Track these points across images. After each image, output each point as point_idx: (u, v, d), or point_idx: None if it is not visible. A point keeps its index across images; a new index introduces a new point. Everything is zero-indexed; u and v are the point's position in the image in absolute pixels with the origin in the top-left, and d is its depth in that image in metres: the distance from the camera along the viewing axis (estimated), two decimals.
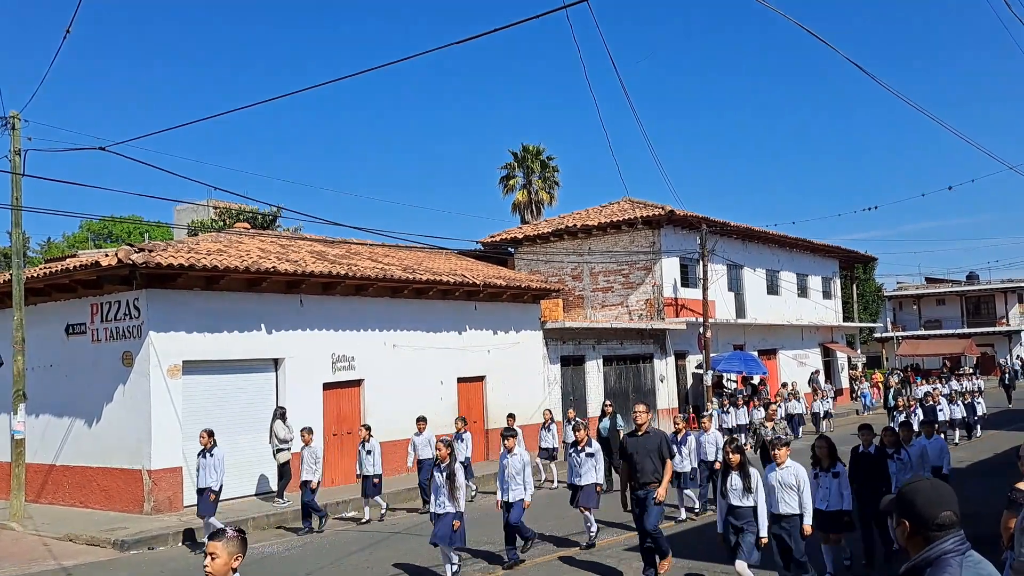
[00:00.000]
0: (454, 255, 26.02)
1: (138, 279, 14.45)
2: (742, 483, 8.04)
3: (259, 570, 10.86)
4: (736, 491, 8.05)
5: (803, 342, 35.54)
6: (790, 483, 8.28)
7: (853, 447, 10.13)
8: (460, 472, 9.77)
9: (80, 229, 52.09)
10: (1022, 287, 56.91)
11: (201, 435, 12.77)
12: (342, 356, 17.94)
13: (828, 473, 8.93)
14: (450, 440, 10.46)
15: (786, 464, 8.39)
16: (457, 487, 9.59)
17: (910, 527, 2.85)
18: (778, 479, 8.36)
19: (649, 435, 9.44)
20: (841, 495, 8.88)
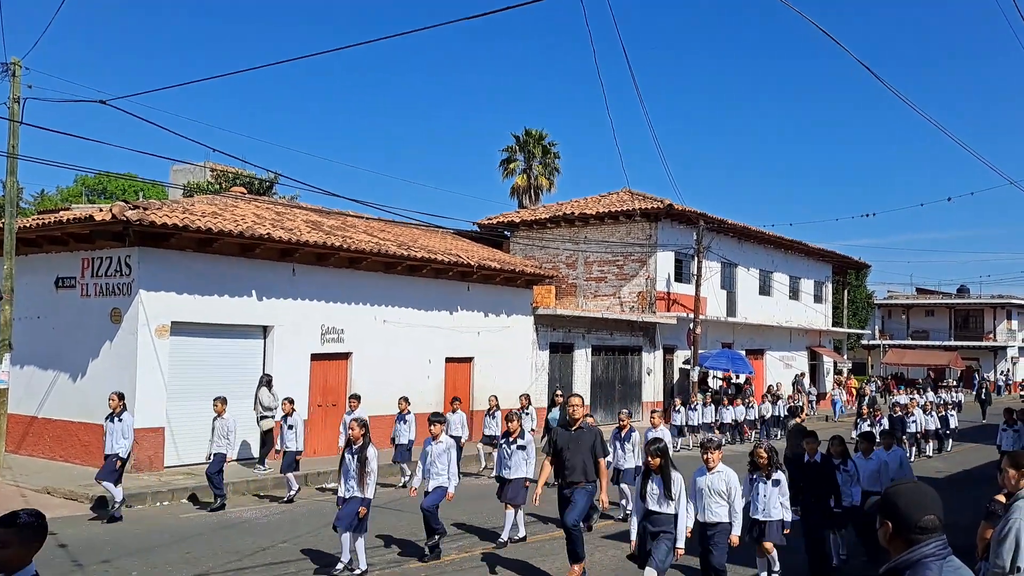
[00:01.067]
0: (450, 235, 25.96)
1: (131, 236, 14.35)
2: (661, 487, 7.49)
3: (237, 535, 10.87)
4: (655, 495, 7.50)
5: (791, 344, 35.67)
6: (720, 489, 7.80)
7: (796, 455, 9.69)
8: (373, 456, 9.08)
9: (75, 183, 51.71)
10: (1011, 303, 57.24)
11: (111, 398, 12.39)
12: (332, 328, 17.91)
13: (767, 480, 8.44)
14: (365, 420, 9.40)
15: (717, 468, 7.88)
16: (368, 472, 8.94)
17: (892, 528, 2.85)
18: (707, 484, 7.86)
19: (583, 430, 8.85)
20: (780, 505, 8.40)
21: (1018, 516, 4.72)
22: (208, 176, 33.78)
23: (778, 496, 8.41)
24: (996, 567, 4.72)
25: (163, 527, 11.35)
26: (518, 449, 10.74)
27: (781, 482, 8.45)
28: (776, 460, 8.54)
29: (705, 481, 7.88)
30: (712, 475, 7.85)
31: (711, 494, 7.81)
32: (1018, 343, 58.78)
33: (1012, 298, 57.15)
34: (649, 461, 7.59)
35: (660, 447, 7.67)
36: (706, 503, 7.82)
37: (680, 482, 7.52)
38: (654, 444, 7.76)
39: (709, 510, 7.80)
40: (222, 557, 9.65)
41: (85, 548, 9.91)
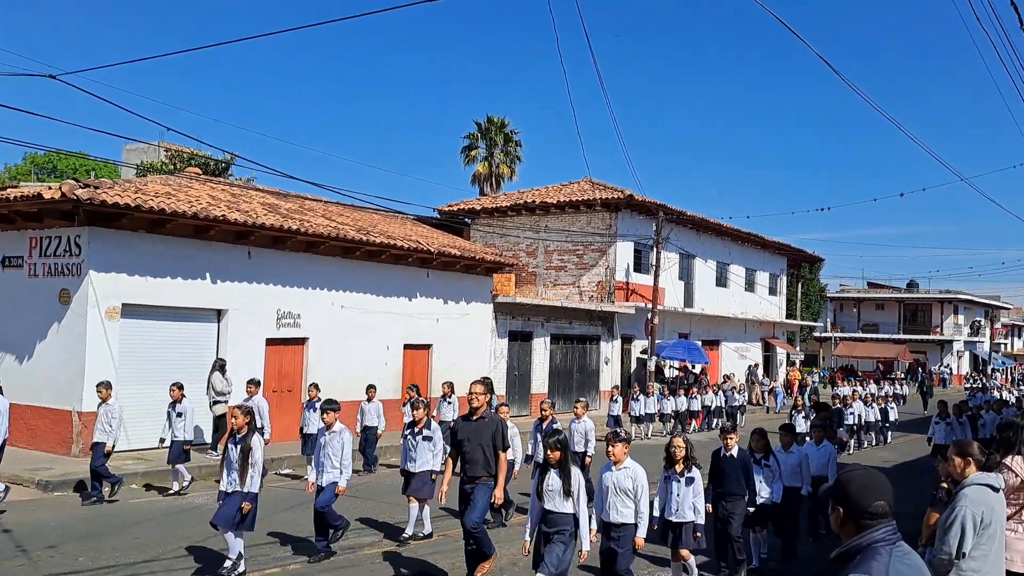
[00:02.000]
0: (410, 220, 25.79)
1: (81, 215, 14.00)
2: (561, 484, 6.78)
3: (187, 521, 10.73)
4: (553, 492, 6.79)
5: (746, 335, 36.21)
6: (625, 487, 7.02)
7: (715, 450, 9.01)
8: (258, 447, 8.27)
9: (23, 160, 50.29)
10: (958, 298, 58.75)
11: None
12: (288, 313, 17.69)
13: (681, 478, 7.76)
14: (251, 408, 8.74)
15: (623, 464, 7.09)
16: (251, 464, 8.16)
17: (843, 513, 2.89)
18: (613, 481, 7.07)
19: (484, 421, 8.22)
20: (693, 505, 7.76)
21: (964, 503, 4.84)
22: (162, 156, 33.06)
23: (691, 496, 7.73)
24: (943, 552, 4.84)
25: (112, 512, 11.14)
26: (423, 440, 10.06)
27: (696, 480, 7.77)
28: (693, 455, 7.87)
29: (611, 478, 7.10)
30: (617, 471, 7.08)
31: (616, 492, 7.05)
32: (964, 337, 60.41)
33: (959, 293, 58.66)
34: (548, 455, 6.90)
35: (559, 439, 6.96)
36: (611, 502, 7.07)
37: (580, 479, 6.86)
38: (553, 436, 7.01)
39: (614, 509, 7.04)
40: (171, 543, 9.50)
41: (31, 533, 9.68)
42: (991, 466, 5.40)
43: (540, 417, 11.93)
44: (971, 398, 26.70)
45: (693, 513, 7.73)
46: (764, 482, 9.08)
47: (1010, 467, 5.45)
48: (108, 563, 8.66)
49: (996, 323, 69.24)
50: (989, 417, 18.37)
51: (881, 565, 2.70)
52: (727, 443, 8.77)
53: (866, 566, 2.71)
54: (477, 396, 8.25)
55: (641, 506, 7.01)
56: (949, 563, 4.83)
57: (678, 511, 7.76)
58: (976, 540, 4.81)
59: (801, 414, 18.30)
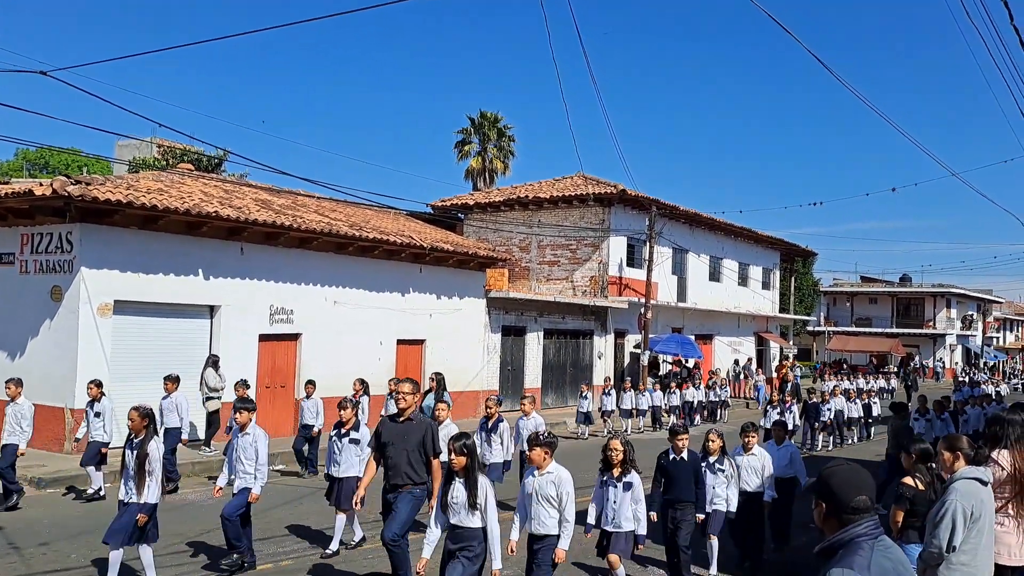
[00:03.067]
0: (403, 216, 25.77)
1: (72, 212, 13.96)
2: (466, 495, 5.99)
3: (181, 518, 10.73)
4: (458, 504, 6.03)
5: (739, 329, 36.28)
6: (549, 494, 6.36)
7: (662, 452, 8.27)
8: (155, 452, 7.44)
9: (15, 157, 50.08)
10: (951, 292, 58.98)
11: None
12: (281, 308, 17.68)
13: (618, 483, 7.07)
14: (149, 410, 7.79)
15: (547, 469, 6.43)
16: (148, 472, 7.36)
17: (826, 509, 2.92)
18: (535, 488, 6.41)
19: (411, 423, 7.44)
20: (633, 513, 7.08)
21: (954, 498, 4.87)
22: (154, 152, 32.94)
23: (630, 503, 7.04)
24: (932, 546, 4.88)
25: (104, 509, 11.11)
26: (350, 443, 9.27)
27: (635, 486, 7.08)
28: (632, 458, 7.16)
29: (533, 484, 6.42)
30: (540, 477, 6.40)
31: (539, 500, 6.38)
32: (956, 331, 60.65)
33: (952, 287, 58.87)
34: (452, 461, 6.10)
35: (465, 444, 6.11)
36: (534, 511, 6.38)
37: (487, 488, 6.08)
38: (459, 440, 6.15)
39: (538, 519, 6.37)
40: (165, 540, 9.46)
41: (24, 531, 9.68)
42: (980, 460, 5.45)
43: (485, 416, 11.08)
44: (956, 392, 26.48)
45: (632, 522, 7.08)
46: (718, 487, 8.36)
47: (996, 461, 5.49)
48: (100, 560, 8.65)
49: (988, 317, 69.54)
50: (974, 413, 17.86)
51: (863, 559, 2.72)
52: (676, 445, 8.06)
53: (848, 560, 2.74)
54: (404, 396, 7.48)
55: (566, 515, 6.34)
56: (939, 556, 4.87)
57: (614, 520, 7.08)
58: (966, 534, 4.85)
59: (777, 409, 17.90)
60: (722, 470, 8.46)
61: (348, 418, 9.37)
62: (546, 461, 6.46)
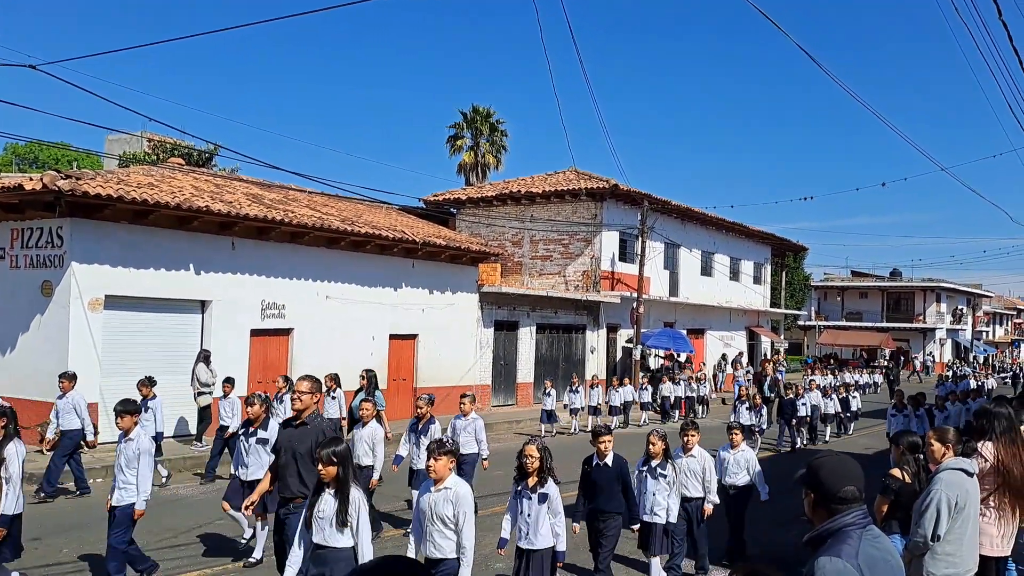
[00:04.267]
0: (395, 210, 25.74)
1: (62, 207, 13.89)
2: (335, 510, 5.23)
3: (173, 513, 10.73)
4: (324, 520, 5.25)
5: (730, 324, 36.39)
6: (444, 513, 5.47)
7: (586, 458, 7.52)
8: (13, 454, 6.71)
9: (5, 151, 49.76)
10: (941, 287, 59.26)
11: None
12: (272, 303, 17.65)
13: (532, 494, 6.29)
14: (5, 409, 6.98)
15: (446, 483, 5.53)
16: (4, 479, 6.60)
17: (815, 498, 2.95)
18: (429, 504, 5.52)
19: (306, 428, 6.55)
20: (551, 528, 6.30)
21: (939, 487, 4.93)
22: (145, 146, 32.79)
23: (547, 517, 6.25)
24: (918, 535, 4.93)
25: (96, 504, 11.10)
26: (257, 443, 8.50)
27: (552, 498, 6.30)
28: (549, 466, 6.40)
29: (428, 500, 5.54)
30: (436, 492, 5.51)
31: (434, 519, 5.51)
32: (946, 325, 60.95)
33: (941, 282, 59.14)
34: (321, 472, 5.30)
35: (335, 451, 5.27)
36: (428, 531, 5.52)
37: (360, 503, 5.27)
38: (328, 446, 5.32)
39: (432, 542, 5.51)
40: (157, 534, 9.50)
41: None
42: (968, 452, 5.50)
43: (416, 416, 10.08)
44: (939, 387, 26.16)
45: (550, 538, 6.29)
46: (659, 495, 7.49)
47: (982, 453, 5.55)
48: (92, 555, 8.65)
49: (978, 311, 69.91)
50: (954, 408, 17.38)
51: (851, 548, 2.76)
52: (599, 449, 7.29)
53: (836, 549, 2.77)
54: (299, 396, 6.63)
55: (463, 538, 5.46)
56: (924, 545, 4.92)
57: (528, 535, 6.27)
58: (951, 523, 4.91)
59: (745, 404, 17.21)
60: (664, 476, 7.54)
61: (256, 415, 8.56)
62: (447, 473, 5.56)
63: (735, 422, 16.39)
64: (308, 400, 6.62)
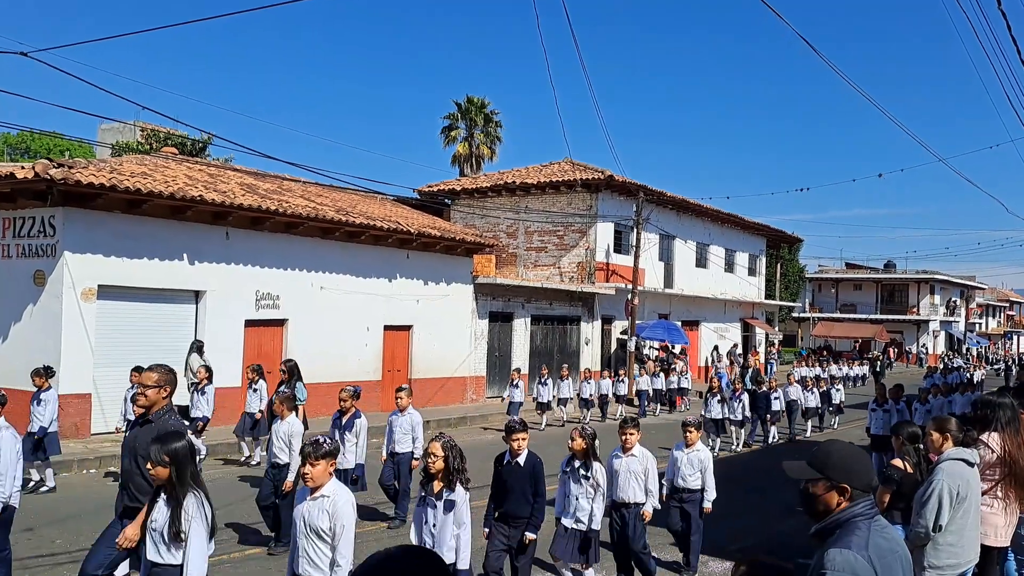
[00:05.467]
0: (389, 201, 25.64)
1: (55, 196, 13.78)
2: (168, 520, 4.39)
3: None
4: (157, 532, 4.45)
5: (725, 316, 36.42)
6: (319, 525, 4.78)
7: (496, 456, 6.88)
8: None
9: None
10: (935, 279, 59.41)
11: None
12: (267, 294, 17.57)
13: (438, 501, 5.59)
14: None
15: (323, 491, 4.84)
16: None
17: (825, 487, 2.90)
18: (303, 515, 4.85)
19: (152, 426, 5.47)
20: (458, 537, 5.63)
21: (941, 478, 4.90)
22: (138, 136, 32.58)
23: (451, 527, 5.55)
24: (919, 526, 4.90)
25: (89, 495, 11.05)
26: None
27: (458, 505, 5.60)
28: (457, 468, 5.68)
29: (302, 511, 4.88)
30: (313, 501, 4.84)
31: (308, 532, 4.84)
32: (940, 317, 61.13)
33: (936, 273, 59.29)
34: (151, 474, 4.56)
35: (167, 449, 4.44)
36: (302, 545, 4.85)
37: (198, 511, 4.41)
38: (165, 443, 4.49)
39: (305, 557, 4.83)
40: None
41: None
42: (967, 443, 5.48)
43: (339, 410, 9.46)
44: (927, 378, 25.72)
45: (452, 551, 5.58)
46: (581, 499, 6.79)
47: (987, 443, 5.53)
48: (85, 546, 8.57)
49: (971, 303, 70.14)
50: (936, 402, 16.51)
51: (861, 539, 2.72)
52: (511, 446, 6.61)
53: (846, 540, 2.73)
54: (143, 391, 5.60)
55: (339, 556, 4.74)
56: (926, 536, 4.90)
57: (433, 549, 5.31)
58: (952, 514, 4.88)
59: (716, 398, 16.44)
60: (587, 478, 6.76)
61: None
62: (326, 478, 4.85)
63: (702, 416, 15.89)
64: (154, 395, 5.57)
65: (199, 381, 12.95)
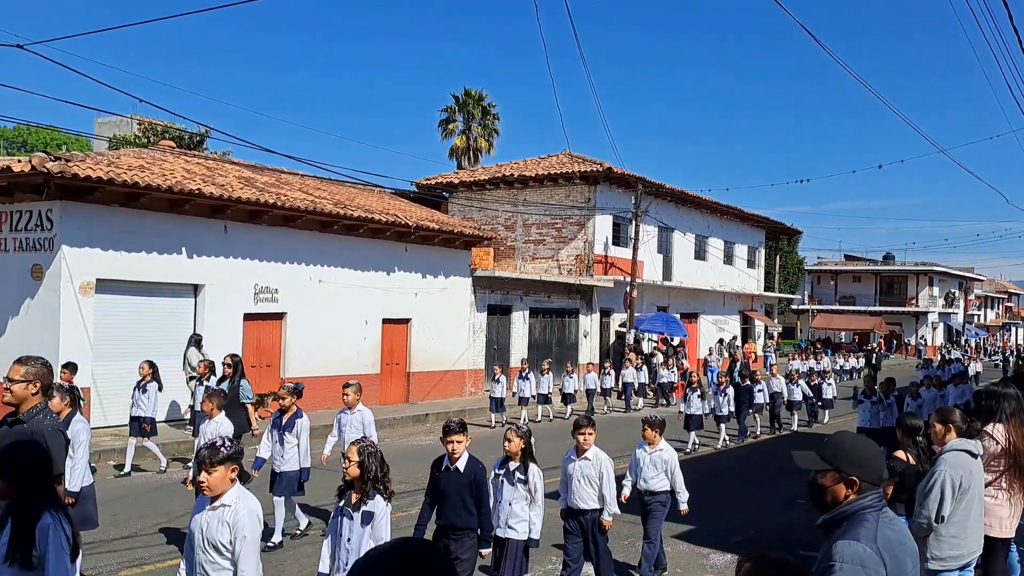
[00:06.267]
0: (387, 194, 25.58)
1: (52, 189, 13.72)
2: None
3: (166, 497, 10.66)
4: None
5: (724, 308, 36.42)
6: (218, 538, 4.28)
7: (434, 460, 6.31)
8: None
9: None
10: (933, 270, 59.46)
11: None
12: (265, 287, 17.52)
13: (355, 512, 4.97)
14: None
15: (223, 499, 4.31)
16: None
17: (835, 479, 2.88)
18: (201, 527, 4.35)
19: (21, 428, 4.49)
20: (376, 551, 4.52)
21: (943, 468, 4.88)
22: (135, 129, 32.50)
23: (370, 541, 4.91)
24: (922, 517, 4.88)
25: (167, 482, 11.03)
26: None
27: (377, 517, 4.94)
28: (375, 476, 4.97)
29: (199, 521, 4.39)
30: (211, 512, 4.34)
31: (205, 546, 4.32)
32: (939, 308, 61.19)
33: (934, 265, 59.33)
34: None
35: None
36: (199, 560, 4.34)
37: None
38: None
39: (203, 574, 4.34)
40: (151, 519, 9.44)
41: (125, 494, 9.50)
42: (971, 433, 5.46)
43: (279, 409, 8.77)
44: (920, 368, 25.38)
45: None
46: (515, 505, 6.21)
47: (991, 435, 5.51)
48: (86, 540, 8.56)
49: (970, 295, 70.21)
50: (928, 395, 15.83)
51: (869, 531, 2.69)
52: (451, 449, 6.03)
53: (854, 532, 2.70)
54: (11, 387, 4.81)
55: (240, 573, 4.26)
56: (928, 527, 4.88)
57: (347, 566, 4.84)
58: (955, 505, 4.86)
59: (696, 392, 15.67)
60: (523, 481, 6.23)
61: (58, 408, 6.75)
62: (226, 486, 4.31)
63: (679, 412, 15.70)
64: (21, 391, 4.75)
65: (201, 375, 12.75)
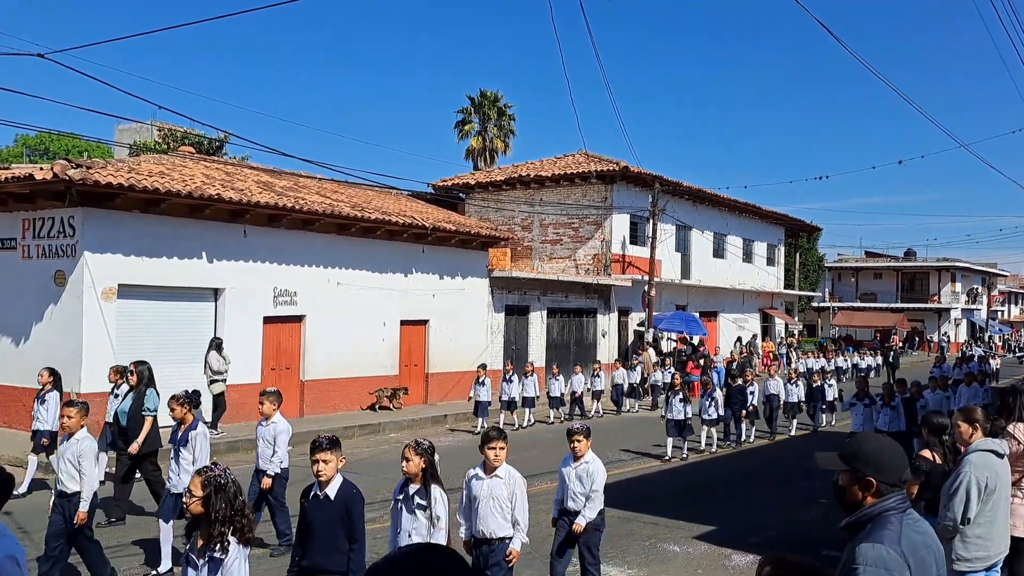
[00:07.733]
0: (404, 196, 25.65)
1: (73, 196, 13.87)
2: None
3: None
4: None
5: (743, 306, 36.20)
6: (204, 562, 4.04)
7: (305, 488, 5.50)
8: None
9: (15, 142, 49.98)
10: (956, 266, 58.79)
11: None
12: (284, 291, 17.62)
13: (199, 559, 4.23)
14: None
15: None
16: None
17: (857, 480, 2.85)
18: None
19: None
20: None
21: (968, 470, 4.82)
22: (155, 135, 32.78)
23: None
24: (947, 519, 4.82)
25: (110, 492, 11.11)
26: None
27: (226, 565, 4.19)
28: (223, 516, 4.18)
29: None
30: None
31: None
32: (961, 305, 60.50)
33: (956, 261, 58.65)
34: None
35: None
36: None
37: None
38: None
39: None
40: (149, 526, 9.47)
41: (33, 515, 9.67)
42: (996, 432, 5.39)
43: (177, 420, 7.96)
44: (935, 368, 24.03)
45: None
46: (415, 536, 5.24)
47: (1013, 434, 5.44)
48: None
49: (993, 290, 69.38)
50: (933, 397, 14.71)
51: (893, 534, 2.67)
52: (316, 471, 5.12)
53: (878, 535, 2.68)
54: None
55: None
56: (954, 529, 4.82)
57: None
58: (981, 506, 4.80)
59: (678, 396, 14.68)
60: (424, 508, 5.26)
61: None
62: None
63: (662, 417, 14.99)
64: None
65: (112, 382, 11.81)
